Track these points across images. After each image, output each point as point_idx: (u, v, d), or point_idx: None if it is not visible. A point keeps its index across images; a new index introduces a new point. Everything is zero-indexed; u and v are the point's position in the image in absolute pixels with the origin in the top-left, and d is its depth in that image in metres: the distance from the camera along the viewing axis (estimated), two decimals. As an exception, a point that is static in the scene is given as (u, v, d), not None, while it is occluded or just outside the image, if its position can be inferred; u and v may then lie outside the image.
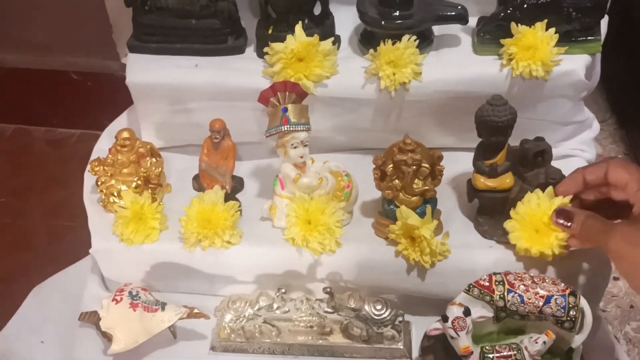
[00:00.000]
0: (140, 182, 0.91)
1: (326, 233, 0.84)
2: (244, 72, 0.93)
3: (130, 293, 0.86)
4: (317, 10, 0.95)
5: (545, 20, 0.88)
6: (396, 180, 0.84)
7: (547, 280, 0.75)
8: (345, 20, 0.98)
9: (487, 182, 0.84)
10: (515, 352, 0.76)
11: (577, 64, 0.89)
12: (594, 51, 0.91)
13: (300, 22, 0.91)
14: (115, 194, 0.91)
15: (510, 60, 0.89)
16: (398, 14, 0.90)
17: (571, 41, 0.90)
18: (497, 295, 0.75)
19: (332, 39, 0.93)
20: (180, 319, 0.85)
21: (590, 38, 0.90)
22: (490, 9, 0.92)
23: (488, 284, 0.76)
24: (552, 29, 0.88)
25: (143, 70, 0.95)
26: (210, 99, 0.94)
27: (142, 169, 0.92)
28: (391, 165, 0.83)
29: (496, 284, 0.76)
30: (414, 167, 0.82)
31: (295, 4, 0.92)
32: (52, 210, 1.36)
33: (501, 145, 0.83)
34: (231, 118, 0.89)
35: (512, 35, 0.88)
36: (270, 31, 0.94)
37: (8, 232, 1.33)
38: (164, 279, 0.92)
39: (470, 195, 0.87)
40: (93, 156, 0.98)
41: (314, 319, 0.86)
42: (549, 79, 0.89)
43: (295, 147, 0.85)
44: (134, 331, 0.84)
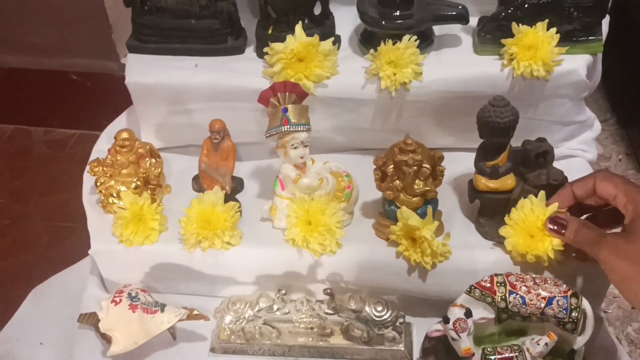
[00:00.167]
0: (139, 183, 0.91)
1: (326, 234, 0.84)
2: (244, 73, 0.93)
3: (129, 294, 0.86)
4: (317, 10, 0.95)
5: (546, 20, 0.88)
6: (397, 181, 0.83)
7: (549, 282, 0.75)
8: (345, 20, 0.98)
9: (489, 183, 0.84)
10: (517, 354, 0.76)
11: (578, 64, 0.89)
12: (595, 51, 0.91)
13: (300, 22, 0.90)
14: (115, 194, 0.91)
15: (511, 60, 0.88)
16: (398, 13, 0.89)
17: (572, 41, 0.89)
18: (499, 296, 0.75)
19: (332, 39, 0.92)
20: (180, 320, 0.85)
21: (591, 38, 0.90)
22: (490, 8, 0.92)
23: (489, 285, 0.76)
24: (553, 29, 0.87)
25: (142, 70, 0.95)
26: (210, 99, 0.94)
27: (142, 170, 0.92)
28: (392, 165, 0.82)
29: (498, 285, 0.75)
30: (415, 168, 0.81)
31: (295, 4, 0.91)
32: (52, 212, 1.36)
33: (503, 147, 0.83)
34: (231, 118, 0.89)
35: (513, 35, 0.88)
36: (270, 31, 0.94)
37: (7, 234, 1.33)
38: (164, 280, 0.92)
39: (471, 196, 0.87)
40: (92, 157, 0.97)
41: (315, 320, 0.86)
42: (550, 78, 0.88)
43: (295, 148, 0.84)
44: (133, 333, 0.83)
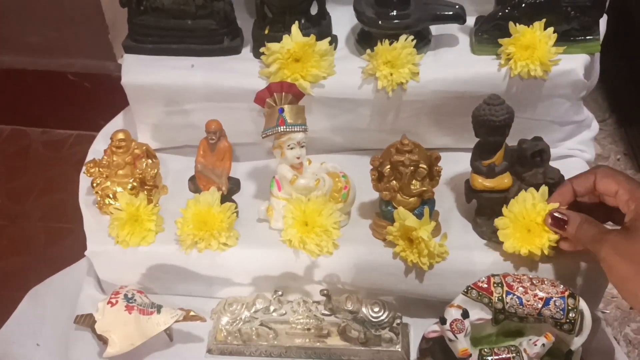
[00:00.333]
0: (135, 184, 0.91)
1: (323, 235, 0.84)
2: (240, 73, 0.93)
3: (125, 296, 0.86)
4: (314, 10, 0.94)
5: (544, 20, 0.87)
6: (394, 181, 0.83)
7: (546, 282, 0.75)
8: (342, 20, 0.98)
9: (485, 183, 0.84)
10: (514, 355, 0.76)
11: (576, 64, 0.89)
12: (593, 50, 0.91)
13: (296, 22, 0.90)
14: (111, 195, 0.91)
15: (508, 59, 0.88)
16: (395, 13, 0.89)
17: (570, 40, 0.89)
18: (496, 297, 0.75)
19: (329, 39, 0.92)
20: (176, 321, 0.84)
21: (589, 37, 0.90)
22: (488, 8, 0.92)
23: (486, 286, 0.75)
24: (551, 28, 0.87)
25: (138, 71, 0.95)
26: (206, 99, 0.94)
27: (138, 171, 0.91)
28: (388, 166, 0.82)
29: (495, 285, 0.75)
30: (412, 168, 0.81)
31: (292, 3, 0.91)
32: (49, 212, 1.36)
33: (499, 145, 0.83)
34: (227, 119, 0.89)
35: (510, 35, 0.88)
36: (266, 31, 0.94)
37: (4, 234, 1.33)
38: (160, 281, 0.92)
39: (468, 196, 0.87)
40: (89, 157, 0.97)
41: (311, 321, 0.86)
42: (547, 78, 0.88)
43: (291, 148, 0.84)
44: (129, 334, 0.83)
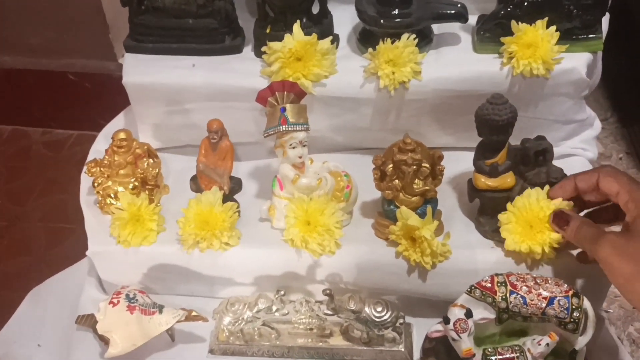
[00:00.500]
0: (137, 184, 0.91)
1: (325, 234, 0.83)
2: (242, 72, 0.93)
3: (127, 296, 0.86)
4: (316, 9, 0.94)
5: (546, 18, 0.87)
6: (396, 181, 0.83)
7: (550, 282, 0.75)
8: (343, 19, 0.98)
9: (488, 182, 0.84)
10: (518, 354, 0.76)
11: (578, 62, 0.89)
12: (595, 49, 0.91)
13: (298, 21, 0.90)
14: (112, 195, 0.90)
15: (510, 58, 0.88)
16: (397, 12, 0.89)
17: (572, 39, 0.89)
18: (499, 296, 0.74)
19: (331, 38, 0.92)
20: (178, 321, 0.84)
21: (591, 36, 0.90)
22: (490, 7, 0.92)
23: (490, 285, 0.75)
24: (553, 27, 0.87)
25: (140, 70, 0.94)
26: (207, 99, 0.93)
27: (139, 170, 0.91)
28: (391, 165, 0.82)
29: (498, 285, 0.75)
30: (414, 167, 0.81)
31: (293, 2, 0.91)
32: (50, 213, 1.36)
33: (502, 144, 0.82)
34: (229, 118, 0.88)
35: (513, 33, 0.88)
36: (268, 30, 0.93)
37: (5, 235, 1.33)
38: (162, 281, 0.91)
39: (471, 195, 0.87)
40: (90, 157, 0.97)
41: (314, 321, 0.85)
42: (549, 77, 0.88)
43: (293, 147, 0.84)
44: (131, 334, 0.83)
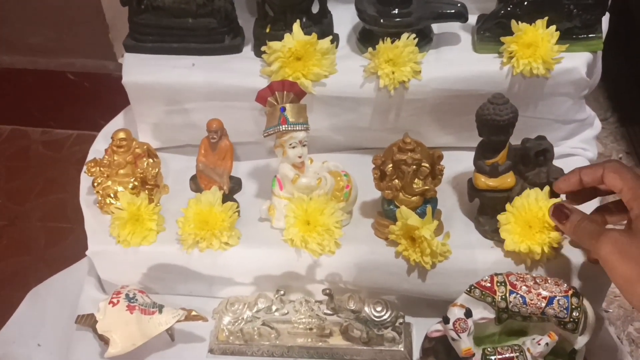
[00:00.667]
0: (137, 183, 0.91)
1: (325, 234, 0.83)
2: (242, 72, 0.93)
3: (127, 295, 0.86)
4: (315, 8, 0.94)
5: (546, 18, 0.87)
6: (396, 180, 0.83)
7: (550, 281, 0.75)
8: (343, 18, 0.98)
9: (488, 182, 0.84)
10: (517, 354, 0.76)
11: (578, 62, 0.89)
12: (595, 49, 0.91)
13: (298, 21, 0.90)
14: (112, 195, 0.90)
15: (510, 58, 0.88)
16: (397, 12, 0.89)
17: (572, 39, 0.89)
18: (499, 296, 0.74)
19: (331, 37, 0.92)
20: (178, 321, 0.84)
21: (591, 35, 0.90)
22: (490, 6, 0.92)
23: (490, 285, 0.75)
24: (553, 27, 0.87)
25: (139, 70, 0.94)
26: (207, 98, 0.93)
27: (139, 170, 0.91)
28: (391, 164, 0.82)
29: (498, 284, 0.75)
30: (414, 167, 0.81)
31: (293, 2, 0.91)
32: (50, 212, 1.36)
33: (502, 144, 0.82)
34: (229, 118, 0.88)
35: (513, 33, 0.87)
36: (267, 30, 0.93)
37: (5, 235, 1.33)
38: (162, 281, 0.91)
39: (471, 195, 0.87)
40: (89, 157, 0.97)
41: (314, 320, 0.85)
42: (549, 77, 0.88)
43: (293, 147, 0.84)
44: (131, 334, 0.83)
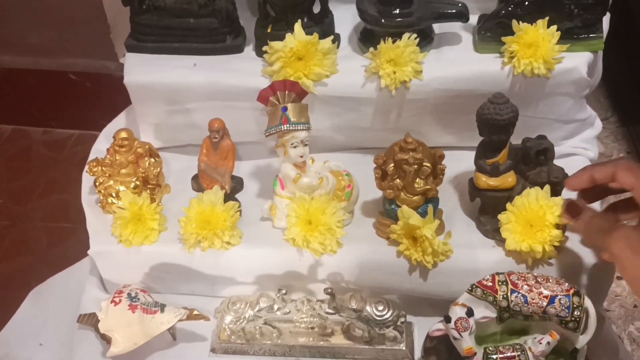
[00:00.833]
0: (138, 183, 0.91)
1: (327, 233, 0.84)
2: (243, 72, 0.93)
3: (129, 295, 0.86)
4: (317, 8, 0.94)
5: (547, 18, 0.87)
6: (397, 180, 0.83)
7: (551, 280, 0.75)
8: (344, 18, 0.98)
9: (489, 181, 0.84)
10: (519, 353, 0.76)
11: (579, 62, 0.89)
12: (596, 48, 0.91)
13: (299, 21, 0.90)
14: (114, 194, 0.91)
15: (511, 58, 0.88)
16: (398, 12, 0.89)
17: (573, 38, 0.89)
18: (501, 295, 0.74)
19: (332, 37, 0.92)
20: (180, 320, 0.84)
21: (592, 35, 0.90)
22: (491, 6, 0.92)
23: (491, 284, 0.75)
24: (554, 26, 0.87)
25: (141, 70, 0.95)
26: (209, 98, 0.94)
27: (141, 170, 0.91)
28: (392, 164, 0.82)
29: (499, 284, 0.75)
30: (416, 166, 0.81)
31: (294, 2, 0.91)
32: (51, 212, 1.36)
33: (503, 144, 0.83)
34: (230, 118, 0.89)
35: (514, 33, 0.88)
36: (269, 30, 0.93)
37: (6, 235, 1.33)
38: (163, 281, 0.91)
39: (472, 195, 0.87)
40: (91, 157, 0.97)
41: (315, 320, 0.86)
42: (550, 76, 0.88)
43: (295, 147, 0.84)
44: (133, 333, 0.83)
